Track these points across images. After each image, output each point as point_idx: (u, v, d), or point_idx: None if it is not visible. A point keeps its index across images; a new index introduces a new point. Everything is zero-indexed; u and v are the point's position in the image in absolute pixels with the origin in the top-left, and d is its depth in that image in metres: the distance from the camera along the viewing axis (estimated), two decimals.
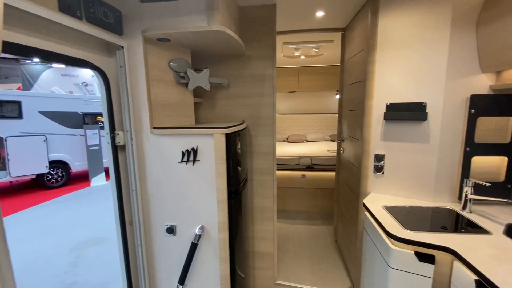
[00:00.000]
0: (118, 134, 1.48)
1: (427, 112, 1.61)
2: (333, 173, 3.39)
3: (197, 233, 1.52)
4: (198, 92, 1.92)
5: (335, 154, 3.50)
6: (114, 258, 3.09)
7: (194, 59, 1.86)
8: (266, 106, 2.02)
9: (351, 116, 2.26)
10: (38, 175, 6.00)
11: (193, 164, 1.51)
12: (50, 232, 3.91)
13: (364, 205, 1.70)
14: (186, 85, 1.71)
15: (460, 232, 1.31)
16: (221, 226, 1.52)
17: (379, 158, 1.81)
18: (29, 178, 5.97)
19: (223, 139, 1.46)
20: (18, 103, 5.70)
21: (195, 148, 1.49)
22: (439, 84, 1.56)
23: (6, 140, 5.40)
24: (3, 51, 0.88)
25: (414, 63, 1.62)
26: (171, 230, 1.58)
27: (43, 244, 3.54)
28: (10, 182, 6.21)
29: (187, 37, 1.47)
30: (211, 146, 1.47)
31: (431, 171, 1.65)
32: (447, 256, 1.17)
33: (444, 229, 1.34)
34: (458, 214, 1.50)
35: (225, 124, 1.69)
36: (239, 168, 1.80)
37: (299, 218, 3.58)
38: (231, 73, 2.02)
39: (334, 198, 3.00)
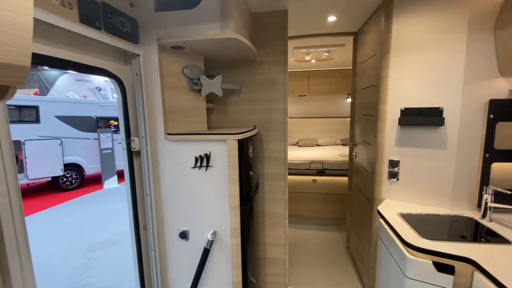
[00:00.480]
0: (134, 140, 1.50)
1: (443, 117, 1.57)
2: (345, 178, 3.35)
3: (210, 239, 1.53)
4: (210, 98, 1.94)
5: (347, 158, 3.45)
6: (126, 261, 3.13)
7: (206, 65, 1.88)
8: (278, 111, 2.02)
9: (364, 121, 2.23)
10: (53, 178, 6.18)
11: (206, 170, 1.52)
12: (65, 234, 4.01)
13: (379, 212, 1.67)
14: (199, 91, 1.73)
15: (480, 241, 1.27)
16: (234, 232, 1.52)
17: (393, 164, 1.78)
18: (45, 180, 6.15)
19: (235, 145, 1.47)
20: (36, 108, 5.91)
21: (208, 153, 1.50)
22: (456, 88, 1.53)
23: (24, 144, 5.59)
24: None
25: (430, 67, 1.59)
26: (183, 235, 1.59)
27: (58, 245, 3.63)
28: (28, 184, 6.41)
29: (201, 44, 1.50)
30: (224, 152, 1.48)
31: (449, 177, 1.60)
32: (467, 267, 1.13)
33: (463, 238, 1.30)
34: (477, 223, 1.45)
35: (237, 129, 1.70)
36: (251, 173, 1.80)
37: (310, 223, 3.54)
38: (243, 78, 2.03)
39: (346, 204, 2.95)
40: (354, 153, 2.59)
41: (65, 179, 6.41)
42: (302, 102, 5.24)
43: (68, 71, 8.96)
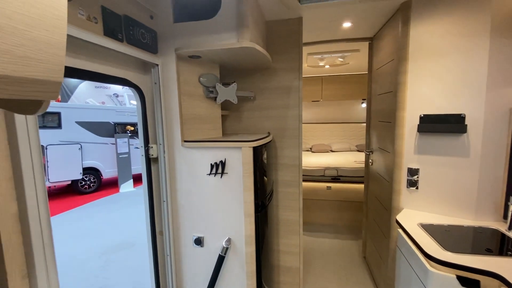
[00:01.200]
0: (152, 147, 1.54)
1: (466, 124, 1.52)
2: (361, 186, 3.27)
3: (224, 246, 1.53)
4: (225, 105, 1.97)
5: (362, 165, 3.38)
6: (140, 264, 3.18)
7: (222, 73, 1.91)
8: (292, 117, 2.01)
9: (381, 127, 2.19)
10: (73, 181, 6.41)
11: (221, 177, 1.53)
12: (83, 236, 4.14)
13: (397, 222, 1.61)
14: (215, 99, 1.76)
15: (507, 255, 1.20)
16: (248, 239, 1.51)
17: (412, 172, 1.72)
18: (65, 183, 6.39)
19: (250, 152, 1.48)
20: (58, 114, 6.19)
21: (223, 161, 1.52)
22: (478, 94, 1.47)
23: (46, 148, 5.85)
24: None
25: (450, 73, 1.55)
26: (198, 241, 1.60)
27: (76, 247, 3.74)
28: (49, 187, 6.68)
29: (217, 53, 1.53)
30: (239, 159, 1.49)
31: (472, 187, 1.54)
32: (494, 282, 1.07)
33: (489, 251, 1.23)
34: (503, 235, 1.38)
35: (252, 136, 1.71)
36: (266, 180, 1.80)
37: (324, 231, 3.47)
38: (257, 85, 2.04)
39: (362, 212, 2.88)
40: (370, 160, 2.54)
41: (83, 183, 6.64)
42: (315, 107, 5.21)
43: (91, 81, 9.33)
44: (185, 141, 1.56)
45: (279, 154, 2.08)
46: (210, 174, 1.54)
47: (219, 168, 1.52)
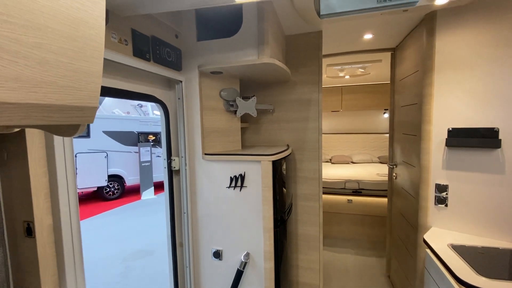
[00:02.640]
0: (174, 160, 1.59)
1: (500, 139, 1.42)
2: (384, 200, 3.14)
3: (243, 260, 1.52)
4: (244, 117, 2.00)
5: (385, 178, 3.26)
6: (160, 271, 3.24)
7: (242, 86, 1.95)
8: (312, 130, 1.99)
9: (405, 141, 2.11)
10: (98, 188, 6.72)
11: (240, 190, 1.54)
12: (106, 242, 4.29)
13: (425, 242, 1.52)
14: (235, 112, 1.79)
15: None
16: (267, 255, 1.49)
17: (441, 188, 1.63)
18: (91, 190, 6.71)
19: (270, 166, 1.47)
20: (88, 124, 6.57)
21: (243, 174, 1.53)
22: None
23: (76, 156, 6.21)
24: None
25: (481, 84, 1.47)
26: (217, 255, 1.60)
27: (99, 253, 3.88)
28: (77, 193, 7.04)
29: (238, 69, 1.57)
30: (258, 172, 1.49)
31: (509, 205, 1.42)
32: None
33: None
34: None
35: (271, 149, 1.71)
36: (285, 194, 1.78)
37: (345, 246, 3.35)
38: (277, 98, 2.06)
39: (386, 227, 2.75)
40: (394, 174, 2.44)
41: (108, 189, 6.93)
42: (335, 118, 5.12)
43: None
44: (206, 154, 1.60)
45: (299, 167, 2.06)
46: (229, 187, 1.56)
47: (238, 181, 1.53)
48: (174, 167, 1.60)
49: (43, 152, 0.77)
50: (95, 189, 6.72)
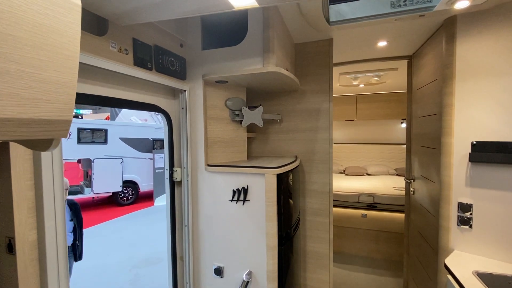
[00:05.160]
0: (176, 171, 1.55)
1: None
2: (401, 215, 2.95)
3: (245, 279, 1.43)
4: (251, 127, 1.94)
5: (402, 192, 3.06)
6: (167, 282, 3.19)
7: (249, 95, 1.90)
8: (322, 141, 1.90)
9: (424, 154, 1.96)
10: (113, 193, 6.86)
11: (243, 204, 1.47)
12: (117, 248, 4.32)
13: (447, 267, 1.37)
14: (241, 122, 1.74)
15: None
16: (270, 275, 1.40)
17: (464, 208, 1.48)
18: (106, 195, 6.87)
19: (274, 180, 1.40)
20: (105, 131, 6.79)
21: (246, 187, 1.46)
22: None
23: (93, 162, 6.40)
24: (86, 103, 1.02)
25: (508, 93, 1.33)
26: (218, 272, 1.53)
27: (110, 259, 3.90)
28: (93, 198, 7.23)
29: (243, 78, 1.52)
30: (262, 186, 1.42)
31: None
32: None
33: None
34: None
35: (277, 161, 1.63)
36: (291, 210, 1.69)
37: (358, 263, 3.15)
38: (285, 108, 1.99)
39: (403, 245, 2.56)
40: (412, 189, 2.27)
41: (122, 195, 7.06)
42: (349, 127, 4.96)
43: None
44: (209, 165, 1.54)
45: (307, 179, 1.96)
46: (232, 200, 1.49)
47: (241, 194, 1.46)
48: (176, 178, 1.55)
49: (30, 164, 0.75)
50: (110, 194, 6.86)
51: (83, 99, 0.98)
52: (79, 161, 6.75)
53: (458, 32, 1.48)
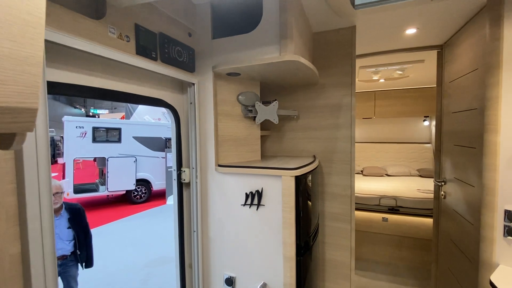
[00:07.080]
0: (184, 171, 1.43)
1: None
2: (427, 220, 2.72)
3: None
4: (265, 124, 1.80)
5: (428, 195, 2.83)
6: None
7: (263, 90, 1.76)
8: (343, 139, 1.73)
9: (459, 154, 1.75)
10: (127, 191, 6.91)
11: (257, 209, 1.33)
12: (129, 246, 4.31)
13: (493, 285, 1.18)
14: (254, 118, 1.60)
15: None
16: None
17: None
18: (120, 193, 6.93)
19: (292, 183, 1.25)
20: (119, 130, 6.85)
21: (260, 190, 1.32)
22: None
23: (108, 160, 6.46)
24: (83, 96, 0.91)
25: None
26: (230, 282, 1.40)
27: (122, 257, 3.88)
28: (107, 196, 7.32)
29: (257, 70, 1.38)
30: (278, 189, 1.27)
31: None
32: None
33: None
34: None
35: (295, 161, 1.48)
36: (310, 216, 1.53)
37: (380, 271, 2.94)
38: (302, 103, 1.83)
39: (431, 253, 2.35)
40: (442, 192, 2.06)
41: (136, 193, 7.10)
42: (367, 125, 4.71)
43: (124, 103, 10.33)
44: (219, 166, 1.41)
45: (327, 181, 1.80)
46: (244, 205, 1.35)
47: (254, 198, 1.32)
48: (184, 180, 1.43)
49: (11, 165, 0.64)
50: (124, 192, 6.92)
51: (78, 91, 0.87)
52: (95, 159, 6.84)
53: (505, 13, 1.27)
